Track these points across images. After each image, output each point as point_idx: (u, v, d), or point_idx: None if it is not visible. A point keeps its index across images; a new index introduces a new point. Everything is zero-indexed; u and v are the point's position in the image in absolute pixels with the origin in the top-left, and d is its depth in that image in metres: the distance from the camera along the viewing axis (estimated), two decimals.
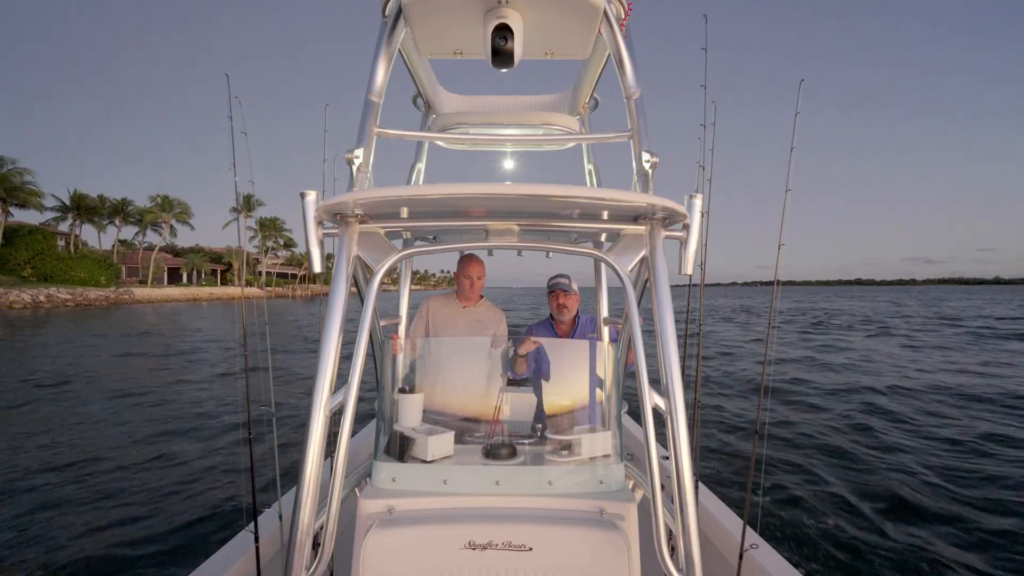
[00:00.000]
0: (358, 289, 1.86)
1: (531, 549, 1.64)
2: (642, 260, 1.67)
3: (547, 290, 3.10)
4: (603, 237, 2.31)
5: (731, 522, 2.41)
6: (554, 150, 2.84)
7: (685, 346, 2.10)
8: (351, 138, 1.82)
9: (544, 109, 2.90)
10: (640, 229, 1.69)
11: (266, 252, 74.13)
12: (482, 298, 3.06)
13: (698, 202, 1.62)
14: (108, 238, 60.43)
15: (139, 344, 18.96)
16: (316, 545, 1.48)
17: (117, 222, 58.13)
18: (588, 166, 3.06)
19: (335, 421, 1.51)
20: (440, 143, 2.67)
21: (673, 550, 1.44)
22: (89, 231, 58.24)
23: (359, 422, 2.28)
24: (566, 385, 2.23)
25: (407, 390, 2.04)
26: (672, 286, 1.58)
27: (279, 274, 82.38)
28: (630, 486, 1.89)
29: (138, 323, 28.83)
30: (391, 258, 1.65)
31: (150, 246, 62.79)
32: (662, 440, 1.47)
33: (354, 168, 1.78)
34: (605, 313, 2.96)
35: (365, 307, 1.63)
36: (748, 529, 2.04)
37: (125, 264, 58.46)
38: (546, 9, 1.89)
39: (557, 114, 2.68)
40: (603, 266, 2.83)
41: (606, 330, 2.83)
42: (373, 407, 2.17)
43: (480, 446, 2.00)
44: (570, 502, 1.79)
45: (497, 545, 1.65)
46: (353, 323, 1.56)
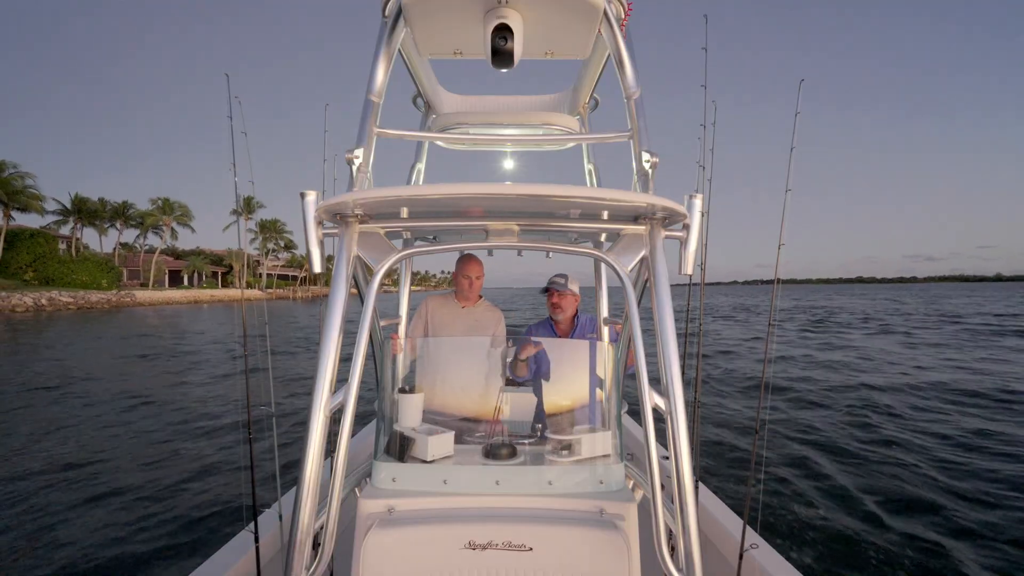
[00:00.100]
0: (358, 289, 1.86)
1: (531, 549, 1.64)
2: (642, 260, 1.67)
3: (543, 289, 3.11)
4: (603, 237, 2.31)
5: (731, 522, 2.41)
6: (554, 150, 2.84)
7: (685, 345, 2.10)
8: (351, 138, 1.82)
9: (544, 109, 2.90)
10: (640, 229, 1.69)
11: (267, 254, 74.22)
12: (481, 298, 3.06)
13: (698, 202, 1.61)
14: (109, 241, 60.73)
15: (141, 346, 18.99)
16: (316, 545, 1.48)
17: (118, 225, 58.29)
18: (588, 166, 3.06)
19: (335, 421, 1.51)
20: (440, 143, 2.67)
21: (673, 550, 1.44)
22: (90, 234, 58.49)
23: (359, 422, 2.28)
24: (566, 385, 2.23)
25: (407, 390, 2.04)
26: (672, 285, 1.58)
27: (280, 276, 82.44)
28: (630, 486, 1.89)
29: (140, 325, 28.87)
30: (391, 258, 1.65)
31: (151, 249, 62.99)
32: (662, 440, 1.47)
33: (354, 168, 1.78)
34: (605, 313, 2.96)
35: (365, 307, 1.63)
36: (748, 529, 2.04)
37: (126, 267, 58.61)
38: (546, 9, 1.89)
39: (557, 114, 2.68)
40: (603, 266, 2.83)
41: (606, 330, 2.83)
42: (373, 407, 2.17)
43: (480, 446, 2.00)
44: (570, 502, 1.78)
45: (497, 545, 1.64)
46: (353, 323, 1.56)
